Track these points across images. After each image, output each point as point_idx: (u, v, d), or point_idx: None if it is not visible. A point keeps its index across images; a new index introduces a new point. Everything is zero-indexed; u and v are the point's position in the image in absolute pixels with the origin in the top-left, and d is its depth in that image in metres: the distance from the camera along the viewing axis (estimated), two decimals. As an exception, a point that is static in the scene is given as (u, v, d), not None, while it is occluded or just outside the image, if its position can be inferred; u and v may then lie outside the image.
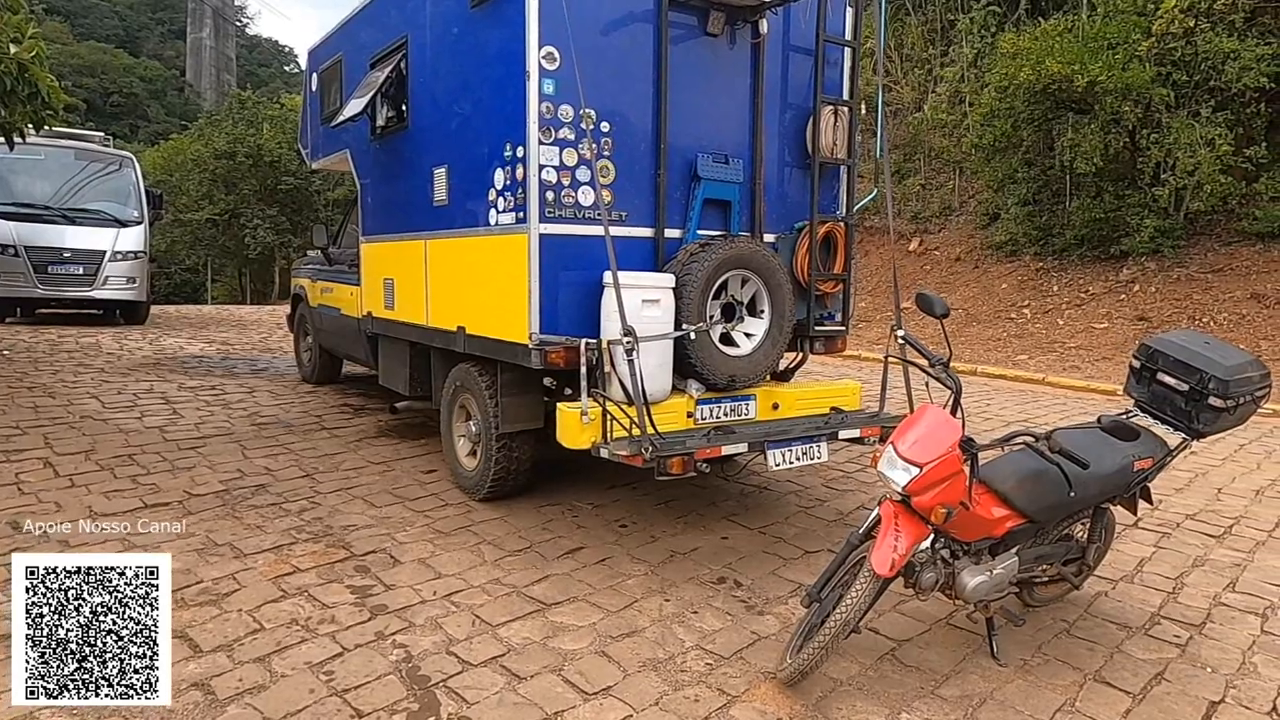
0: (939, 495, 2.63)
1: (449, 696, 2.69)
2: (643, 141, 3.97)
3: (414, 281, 4.92)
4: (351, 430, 5.92)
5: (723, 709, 2.67)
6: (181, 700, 2.61)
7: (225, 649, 2.93)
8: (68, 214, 10.95)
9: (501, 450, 4.24)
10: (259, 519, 4.16)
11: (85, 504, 4.23)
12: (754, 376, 4.14)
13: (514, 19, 3.72)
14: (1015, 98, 11.54)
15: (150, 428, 5.66)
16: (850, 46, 4.61)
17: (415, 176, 4.84)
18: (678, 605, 3.38)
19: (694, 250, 3.94)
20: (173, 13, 59.99)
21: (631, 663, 2.93)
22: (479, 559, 3.77)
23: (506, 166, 3.86)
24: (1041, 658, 3.03)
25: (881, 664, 2.97)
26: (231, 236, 26.88)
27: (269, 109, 27.87)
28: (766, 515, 4.45)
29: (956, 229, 14.63)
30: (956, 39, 15.29)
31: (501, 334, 3.99)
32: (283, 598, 3.34)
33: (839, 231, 4.61)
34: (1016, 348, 10.83)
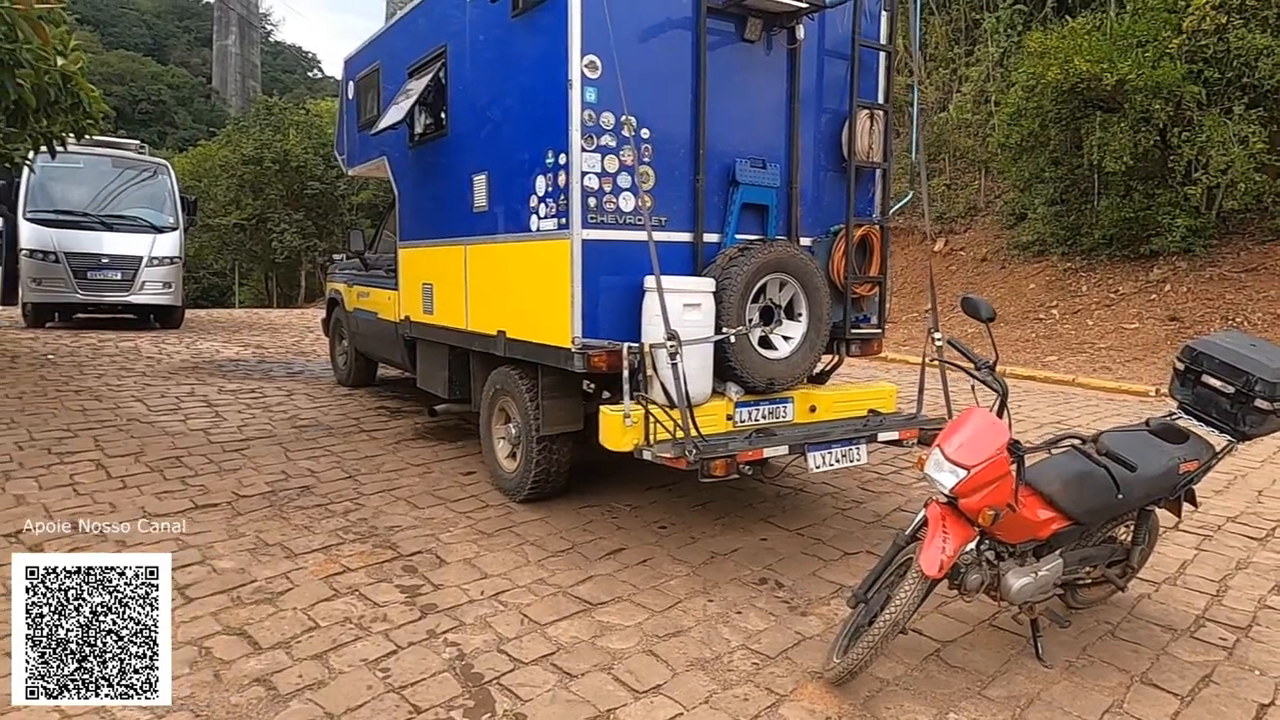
0: (986, 497, 2.65)
1: (503, 693, 2.75)
2: (682, 147, 4.02)
3: (453, 286, 5.00)
4: (389, 433, 6.01)
5: (772, 707, 2.71)
6: (245, 695, 2.71)
7: (283, 646, 3.02)
8: (106, 220, 11.19)
9: (542, 452, 4.31)
10: (306, 520, 4.25)
11: (139, 505, 4.34)
12: (792, 379, 4.18)
13: (556, 29, 3.79)
14: (1043, 97, 11.46)
15: (195, 430, 5.79)
16: (886, 50, 4.64)
17: (454, 183, 4.92)
18: (721, 605, 3.42)
19: (733, 254, 3.99)
20: (199, 21, 60.86)
21: (679, 662, 2.98)
22: (523, 559, 3.84)
23: (548, 173, 3.93)
24: (1087, 659, 3.04)
25: (927, 664, 2.99)
26: (258, 241, 27.28)
27: (295, 115, 28.26)
28: (804, 517, 4.48)
29: (982, 229, 14.55)
30: (982, 38, 15.20)
31: (543, 338, 4.06)
32: (335, 596, 3.43)
33: (874, 234, 4.64)
34: (1045, 348, 10.76)
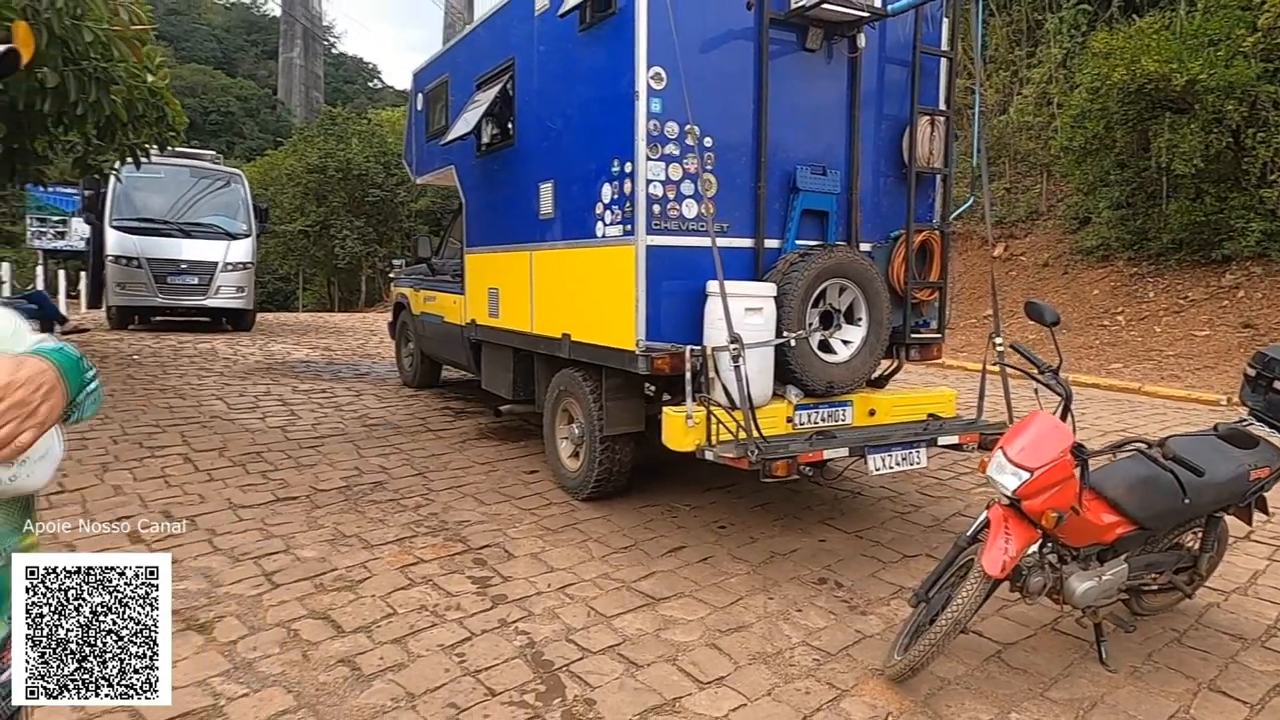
0: (1050, 500, 2.68)
1: (573, 680, 2.87)
2: (744, 155, 4.11)
3: (519, 290, 5.17)
4: (455, 432, 6.22)
5: (833, 702, 2.78)
6: (332, 674, 2.89)
7: (364, 630, 3.20)
8: (184, 227, 11.74)
9: (605, 452, 4.43)
10: (380, 513, 4.45)
11: (225, 496, 4.60)
12: (852, 383, 4.23)
13: (623, 42, 3.92)
14: (1108, 98, 11.22)
15: (273, 427, 6.08)
16: (947, 56, 4.66)
17: (521, 190, 5.09)
18: (781, 603, 3.50)
19: (794, 260, 4.06)
20: (266, 34, 62.99)
21: (741, 655, 3.06)
22: (587, 555, 3.96)
23: (614, 181, 4.06)
24: (1152, 665, 3.04)
25: (988, 665, 3.02)
26: (321, 247, 28.08)
27: (357, 124, 29.05)
28: (862, 520, 4.51)
29: (1044, 233, 14.27)
30: (1044, 39, 14.93)
31: (607, 341, 4.19)
32: (410, 585, 3.60)
33: (935, 240, 4.66)
34: (1110, 355, 10.52)
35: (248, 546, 3.94)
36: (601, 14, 4.11)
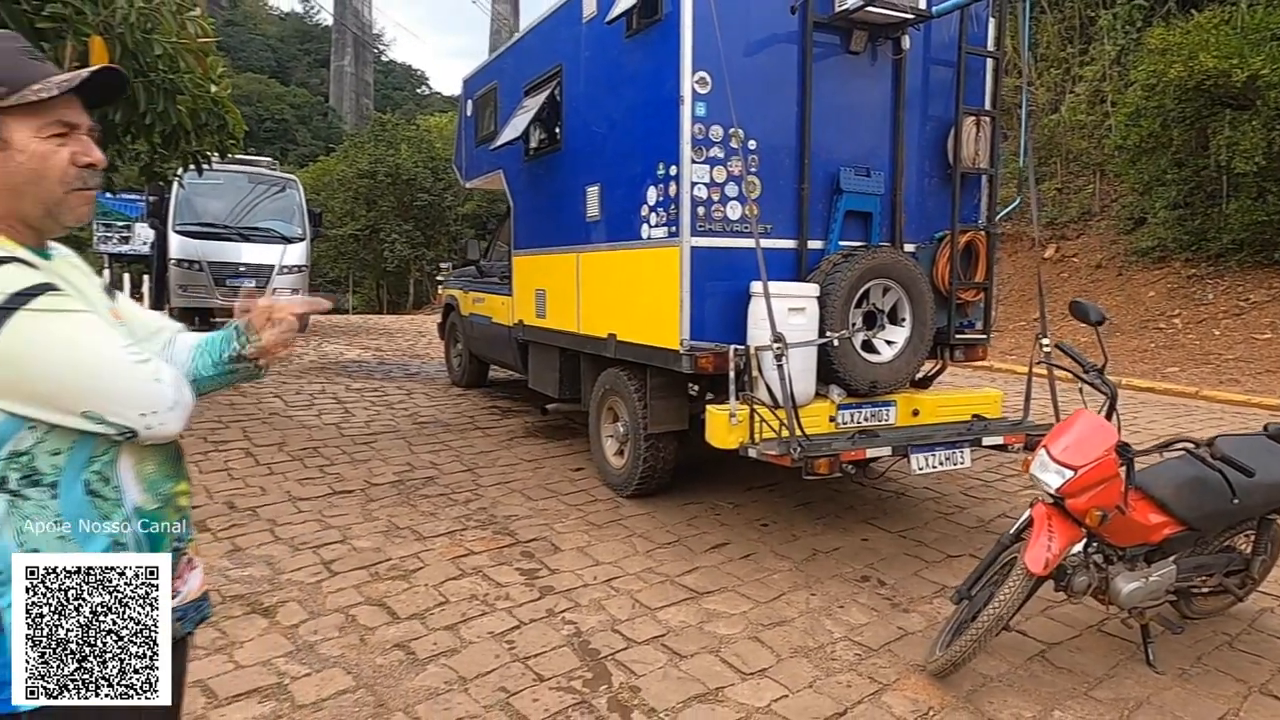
0: (1094, 498, 2.69)
1: (618, 668, 2.96)
2: (787, 157, 4.16)
3: (566, 291, 5.29)
4: (502, 430, 6.37)
5: (875, 695, 2.81)
6: (388, 658, 3.02)
7: (418, 617, 3.33)
8: (242, 231, 12.14)
9: (649, 450, 4.52)
10: (431, 507, 4.60)
11: (284, 489, 4.80)
12: (895, 383, 4.24)
13: (668, 48, 4.00)
14: (1164, 95, 10.96)
15: (328, 424, 6.29)
16: (993, 57, 4.65)
17: (568, 194, 5.21)
18: (824, 599, 3.54)
19: (837, 260, 4.10)
20: (318, 43, 64.61)
21: (783, 649, 3.11)
22: (631, 549, 4.05)
23: (659, 184, 4.14)
24: (1201, 668, 3.01)
25: (1031, 664, 3.03)
26: (371, 250, 28.72)
27: (406, 130, 29.65)
28: (905, 520, 4.52)
29: (1097, 234, 13.96)
30: (1097, 36, 14.61)
31: (652, 340, 4.27)
32: (461, 576, 3.72)
33: (980, 240, 4.65)
34: (1166, 359, 10.27)
35: (307, 536, 4.11)
36: (647, 20, 4.20)
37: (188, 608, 1.33)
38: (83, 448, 1.16)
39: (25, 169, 1.16)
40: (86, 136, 1.23)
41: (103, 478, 1.18)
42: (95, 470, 1.18)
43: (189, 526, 1.35)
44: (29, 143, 1.16)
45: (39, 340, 1.09)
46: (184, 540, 1.33)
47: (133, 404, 1.15)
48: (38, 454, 1.13)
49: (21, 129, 1.15)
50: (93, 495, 1.18)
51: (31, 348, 1.08)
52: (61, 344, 1.10)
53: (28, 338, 1.08)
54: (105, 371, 1.13)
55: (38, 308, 1.09)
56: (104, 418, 1.13)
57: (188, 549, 1.35)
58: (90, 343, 1.13)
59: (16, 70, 1.16)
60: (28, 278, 1.11)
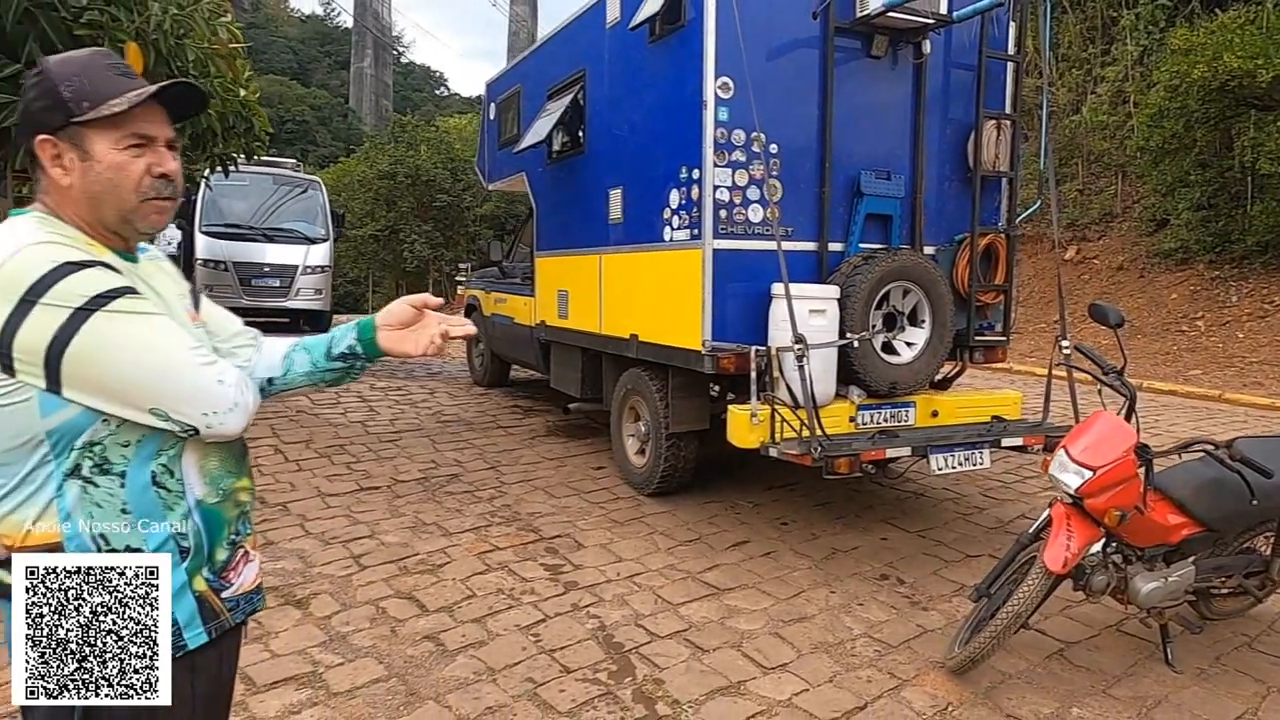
0: (1113, 498, 2.72)
1: (642, 662, 3.03)
2: (808, 160, 4.21)
3: (588, 292, 5.37)
4: (524, 429, 6.45)
5: (894, 690, 2.87)
6: (418, 649, 3.11)
7: (447, 610, 3.41)
8: (267, 232, 12.31)
9: (670, 449, 4.58)
10: (456, 504, 4.69)
11: (313, 485, 4.90)
12: (914, 384, 4.28)
13: (691, 53, 4.07)
14: (1188, 96, 10.88)
15: (354, 422, 6.41)
16: (1013, 60, 4.68)
17: (591, 196, 5.28)
18: (843, 597, 3.59)
19: (857, 263, 4.14)
20: (339, 45, 65.16)
21: (804, 644, 3.17)
22: (653, 547, 4.12)
23: (682, 187, 4.21)
24: (1220, 668, 3.03)
25: (1049, 662, 3.07)
26: (390, 251, 28.97)
27: (426, 131, 29.87)
28: (924, 520, 4.56)
29: (1118, 236, 13.87)
30: (1119, 36, 14.52)
31: (674, 341, 4.33)
32: (487, 571, 3.81)
33: (1000, 243, 4.68)
34: (1189, 362, 10.21)
35: (336, 531, 4.21)
36: (671, 26, 4.27)
37: (240, 598, 1.38)
38: (150, 441, 1.23)
39: (103, 179, 1.23)
40: (164, 148, 1.29)
41: (168, 470, 1.26)
42: (161, 463, 1.25)
43: (247, 521, 1.41)
44: (107, 154, 1.23)
45: (114, 340, 1.16)
46: (242, 534, 1.39)
47: (196, 403, 1.21)
48: (109, 445, 1.21)
49: (101, 141, 1.22)
50: (158, 487, 1.25)
51: (107, 347, 1.15)
52: (134, 344, 1.17)
53: (104, 338, 1.15)
54: (173, 372, 1.20)
55: (116, 309, 1.16)
56: (169, 415, 1.20)
57: (245, 542, 1.41)
58: (161, 344, 1.20)
59: (102, 85, 1.23)
60: (109, 281, 1.18)
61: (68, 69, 1.23)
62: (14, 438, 1.17)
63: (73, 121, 1.21)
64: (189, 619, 1.28)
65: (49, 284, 1.13)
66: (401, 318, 1.45)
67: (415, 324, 1.45)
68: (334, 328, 1.48)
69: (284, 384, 1.48)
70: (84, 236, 1.24)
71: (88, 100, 1.21)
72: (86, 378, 1.16)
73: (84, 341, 1.14)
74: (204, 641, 1.30)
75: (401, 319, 1.45)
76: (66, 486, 1.19)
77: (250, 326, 1.56)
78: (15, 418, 1.16)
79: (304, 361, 1.46)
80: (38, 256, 1.15)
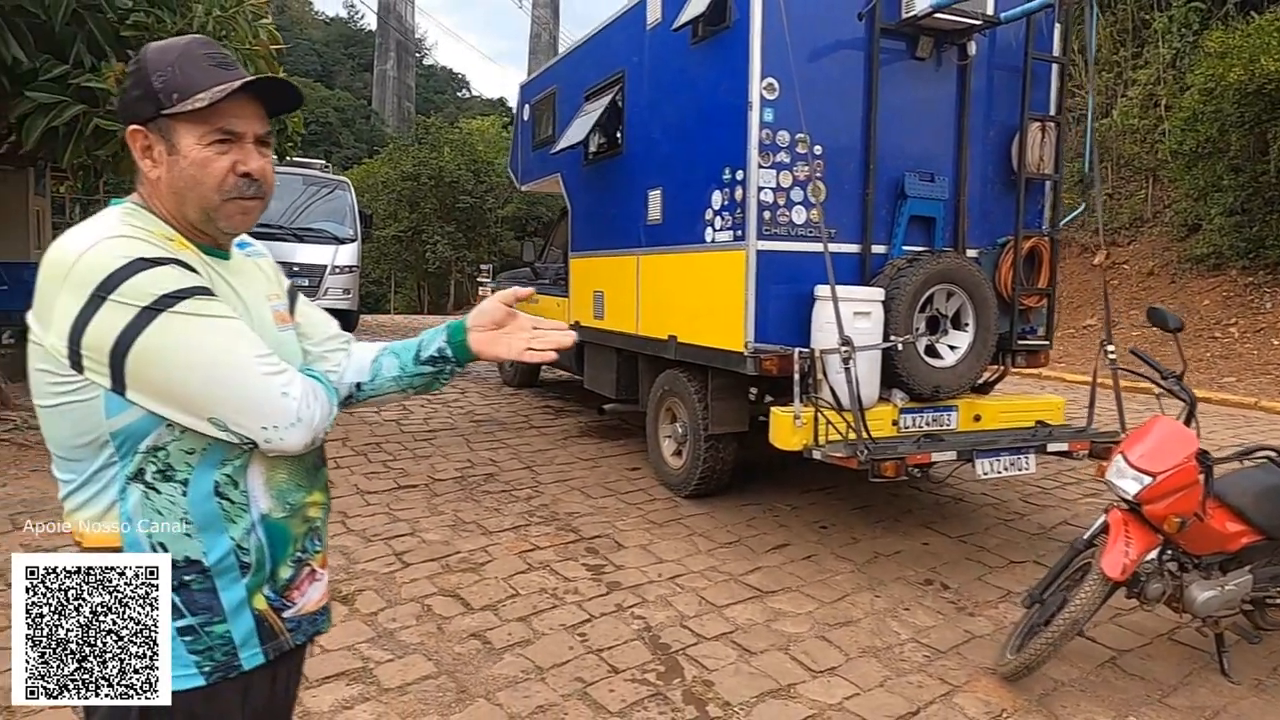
0: (1172, 505, 2.69)
1: (690, 663, 3.02)
2: (852, 162, 4.20)
3: (625, 293, 5.37)
4: (557, 429, 6.47)
5: (946, 696, 2.84)
6: (466, 646, 3.12)
7: (491, 608, 3.42)
8: (296, 232, 12.42)
9: (709, 451, 4.57)
10: (495, 503, 4.70)
11: (352, 483, 4.94)
12: (957, 388, 4.25)
13: (736, 54, 4.06)
14: (1222, 99, 10.75)
15: (388, 421, 6.45)
16: (1059, 63, 4.64)
17: (628, 198, 5.29)
18: (888, 601, 3.56)
19: (901, 265, 4.12)
20: (362, 48, 65.71)
21: (851, 648, 3.15)
22: (694, 548, 4.11)
23: (725, 188, 4.20)
24: (1278, 679, 2.98)
25: (1103, 670, 3.03)
26: (413, 251, 29.14)
27: (449, 133, 30.02)
28: (965, 525, 4.52)
29: (1149, 241, 13.71)
30: (1151, 39, 14.36)
31: (715, 342, 4.33)
32: (529, 570, 3.81)
33: (1044, 246, 4.63)
34: (1223, 369, 10.07)
35: (378, 528, 4.24)
36: (714, 28, 4.26)
37: (302, 619, 1.30)
38: (215, 450, 1.17)
39: (186, 175, 1.17)
40: (251, 145, 1.22)
41: (232, 481, 1.19)
42: (226, 473, 1.18)
43: (317, 538, 1.33)
44: (192, 149, 1.17)
45: (178, 343, 1.10)
46: (309, 551, 1.31)
47: (255, 415, 1.14)
48: (173, 451, 1.15)
49: (188, 135, 1.17)
50: (221, 497, 1.18)
51: (169, 350, 1.10)
52: (196, 349, 1.11)
53: (168, 339, 1.09)
54: (235, 380, 1.13)
55: (182, 310, 1.10)
56: (227, 425, 1.13)
57: (312, 560, 1.32)
58: (225, 350, 1.13)
59: (195, 76, 1.17)
60: (180, 280, 1.11)
61: (163, 58, 1.18)
62: (81, 435, 1.14)
63: (162, 113, 1.16)
64: (245, 638, 1.21)
65: (120, 280, 1.07)
66: (494, 317, 1.36)
67: (507, 324, 1.37)
68: (423, 332, 1.41)
69: (372, 389, 1.41)
70: (169, 230, 1.19)
71: (177, 91, 1.16)
72: (149, 380, 1.10)
73: (147, 342, 1.08)
74: (260, 663, 1.23)
75: (494, 319, 1.36)
76: (129, 490, 1.15)
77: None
78: (83, 415, 1.12)
79: (392, 366, 1.39)
80: (112, 251, 1.10)
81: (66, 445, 1.15)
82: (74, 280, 1.08)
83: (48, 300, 1.10)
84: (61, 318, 1.08)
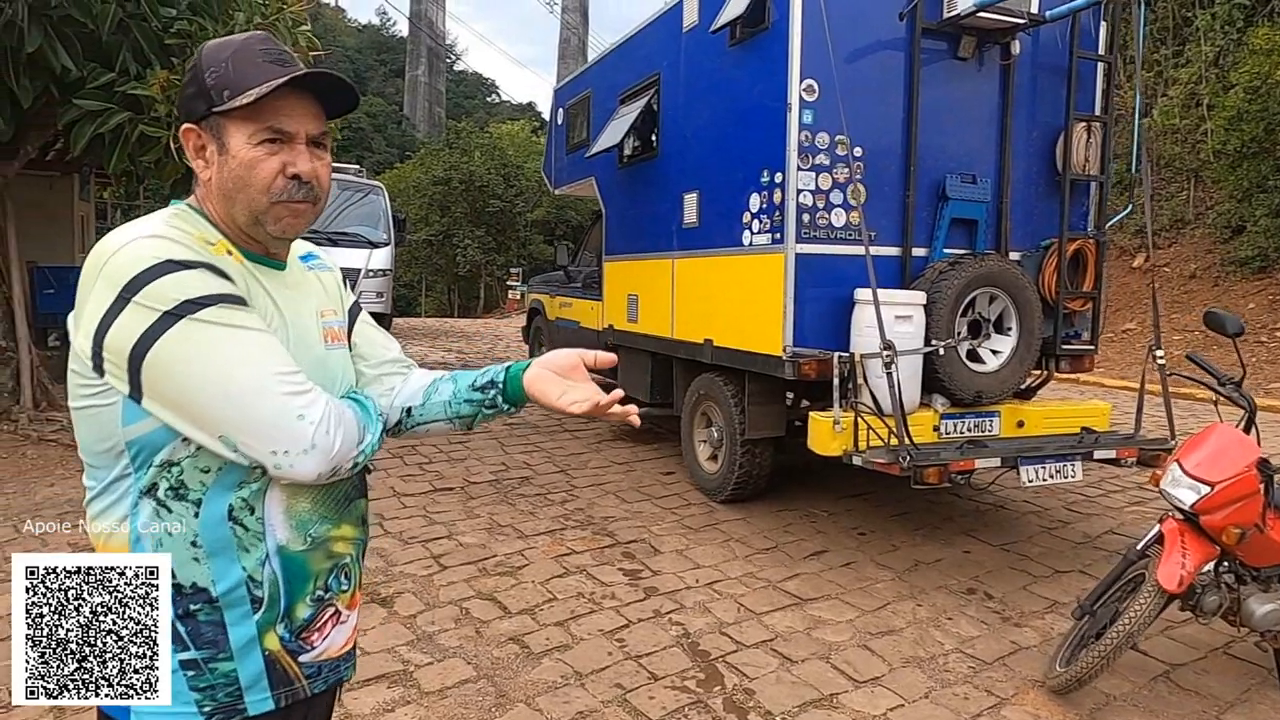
0: (1231, 515, 2.60)
1: (730, 671, 2.99)
2: (893, 164, 4.14)
3: (660, 297, 5.35)
4: (590, 433, 6.46)
5: (994, 708, 2.78)
6: (504, 650, 3.11)
7: (529, 613, 3.42)
8: (331, 236, 12.57)
9: (745, 455, 4.54)
10: (530, 506, 4.70)
11: (388, 485, 4.97)
12: (1000, 393, 4.17)
13: (775, 56, 4.03)
14: (1268, 98, 10.50)
15: (422, 423, 6.48)
16: (1105, 61, 4.54)
17: (664, 201, 5.27)
18: (931, 610, 3.50)
19: (943, 268, 4.05)
20: (394, 54, 66.51)
21: (894, 658, 3.10)
22: (731, 554, 4.07)
23: (763, 191, 4.17)
24: (1341, 696, 2.88)
25: (1155, 684, 2.95)
26: (444, 255, 29.39)
27: (480, 138, 30.26)
28: (1007, 533, 4.43)
29: (1190, 243, 13.40)
30: (1193, 37, 14.05)
31: (752, 346, 4.29)
32: (566, 574, 3.80)
33: (1089, 248, 4.54)
34: (1268, 374, 9.80)
35: (415, 531, 4.26)
36: (752, 30, 4.23)
37: (323, 665, 1.19)
38: (232, 471, 1.09)
39: (234, 175, 1.11)
40: (303, 146, 1.14)
41: (248, 506, 1.11)
42: (242, 496, 1.10)
43: (345, 576, 1.23)
44: (241, 149, 1.11)
45: (193, 353, 1.03)
46: (333, 591, 1.20)
47: (265, 437, 1.06)
48: (187, 468, 1.08)
49: (238, 134, 1.11)
50: (234, 523, 1.10)
51: (185, 358, 1.03)
52: (212, 359, 1.04)
53: (185, 347, 1.03)
54: (247, 398, 1.05)
55: (204, 318, 1.03)
56: (236, 445, 1.06)
57: (337, 600, 1.21)
58: (242, 363, 1.05)
59: (248, 72, 1.11)
60: (207, 286, 1.05)
61: (218, 55, 1.13)
62: (102, 441, 1.09)
63: (214, 111, 1.11)
64: (253, 680, 1.12)
65: (145, 281, 1.02)
66: (561, 365, 1.27)
67: (573, 377, 1.26)
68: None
69: (421, 415, 1.33)
70: (213, 234, 1.13)
71: (229, 89, 1.10)
72: (163, 389, 1.04)
73: (164, 348, 1.02)
74: (268, 709, 1.14)
75: (561, 366, 1.27)
76: (141, 505, 1.09)
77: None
78: (102, 420, 1.08)
79: (446, 391, 1.32)
80: (144, 251, 1.04)
81: (91, 450, 1.12)
82: (105, 279, 1.04)
83: (82, 299, 1.06)
84: (89, 318, 1.05)
